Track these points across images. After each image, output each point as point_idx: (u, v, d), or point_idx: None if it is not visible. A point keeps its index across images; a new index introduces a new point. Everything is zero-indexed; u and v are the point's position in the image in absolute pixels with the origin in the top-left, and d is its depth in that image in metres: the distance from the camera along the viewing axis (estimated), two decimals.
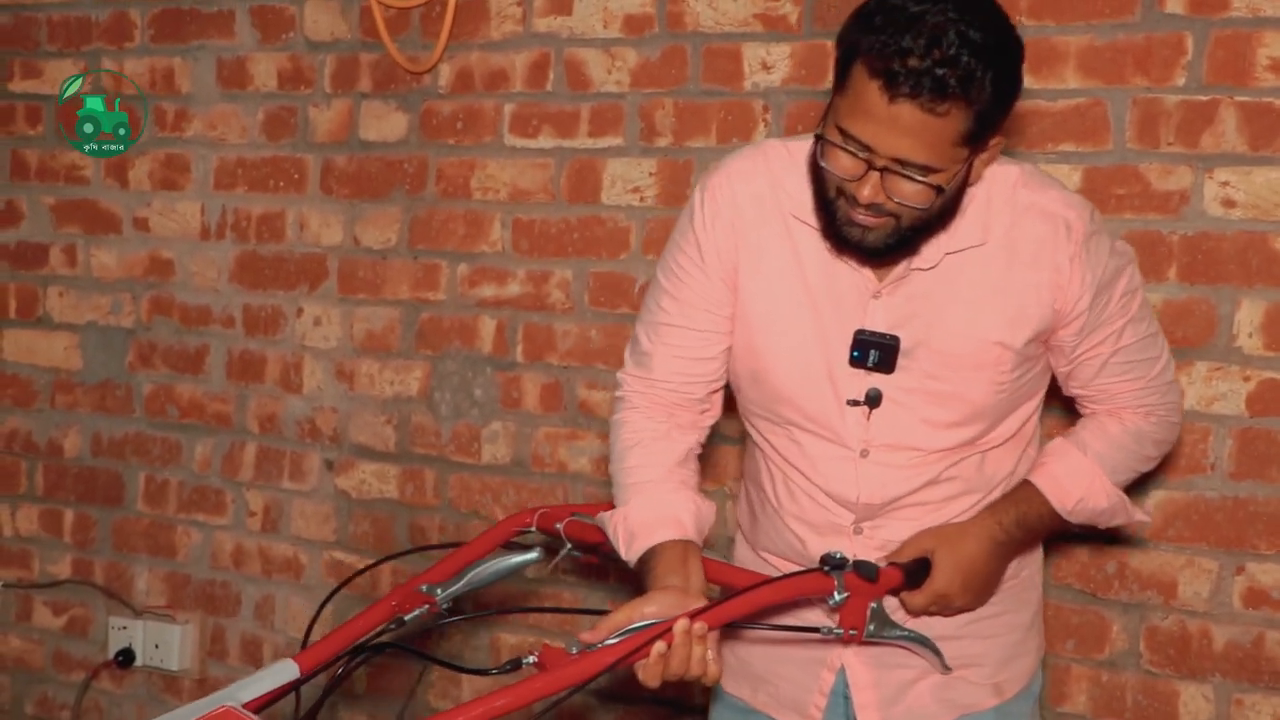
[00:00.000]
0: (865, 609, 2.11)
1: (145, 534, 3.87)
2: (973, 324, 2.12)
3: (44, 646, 4.01)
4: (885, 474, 2.19)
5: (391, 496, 3.55)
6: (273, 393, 3.68)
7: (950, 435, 2.18)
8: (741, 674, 2.39)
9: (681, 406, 2.26)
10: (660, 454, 2.22)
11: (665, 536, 2.13)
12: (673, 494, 2.18)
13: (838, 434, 2.19)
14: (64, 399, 3.95)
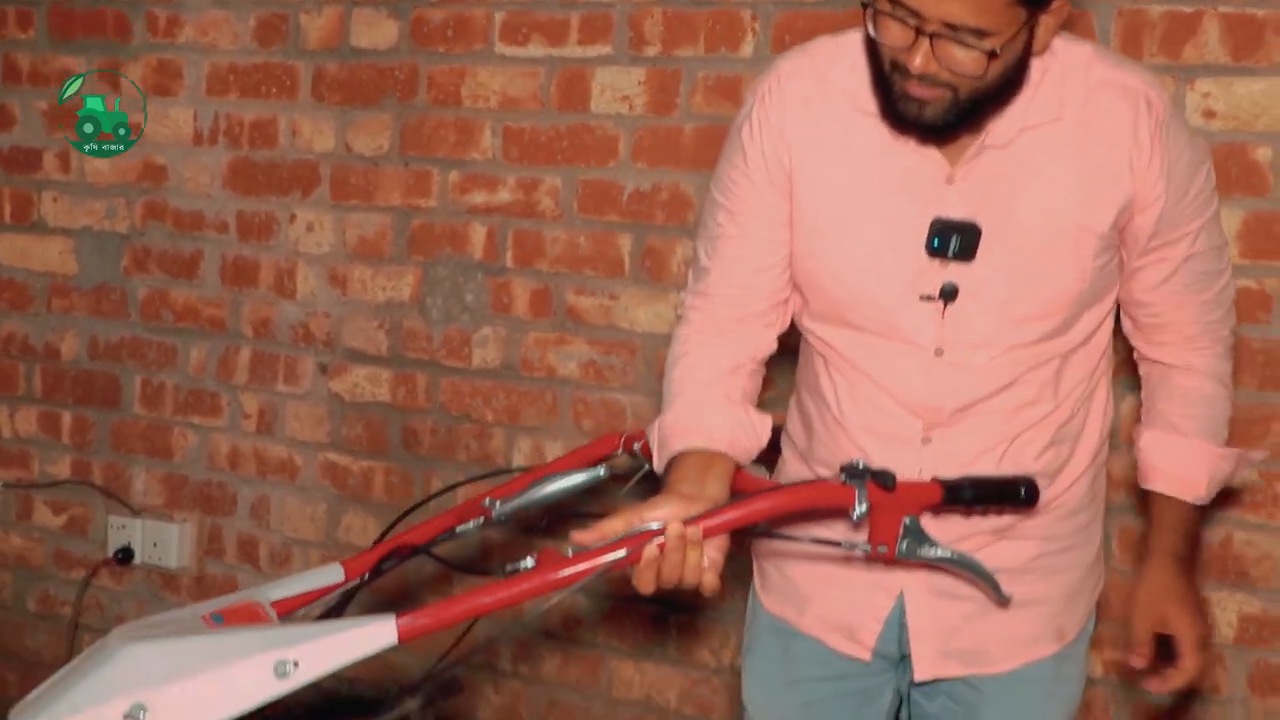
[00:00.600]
0: (897, 524, 1.95)
1: (142, 436, 3.93)
2: (1052, 206, 2.00)
3: (44, 545, 4.09)
4: (960, 376, 2.05)
5: (384, 400, 3.61)
6: (266, 298, 3.73)
7: (1029, 329, 2.04)
8: (787, 594, 2.26)
9: (741, 321, 2.15)
10: (706, 364, 2.12)
11: (689, 445, 2.04)
12: (709, 403, 2.08)
13: (909, 334, 2.05)
14: (60, 303, 3.99)
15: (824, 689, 2.24)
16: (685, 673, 3.35)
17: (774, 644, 2.28)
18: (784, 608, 2.27)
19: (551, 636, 3.48)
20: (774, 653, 2.28)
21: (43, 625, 4.09)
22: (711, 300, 2.16)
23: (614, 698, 3.42)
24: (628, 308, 3.33)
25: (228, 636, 1.83)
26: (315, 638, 1.76)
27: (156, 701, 1.72)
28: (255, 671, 1.73)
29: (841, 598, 2.19)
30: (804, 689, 2.25)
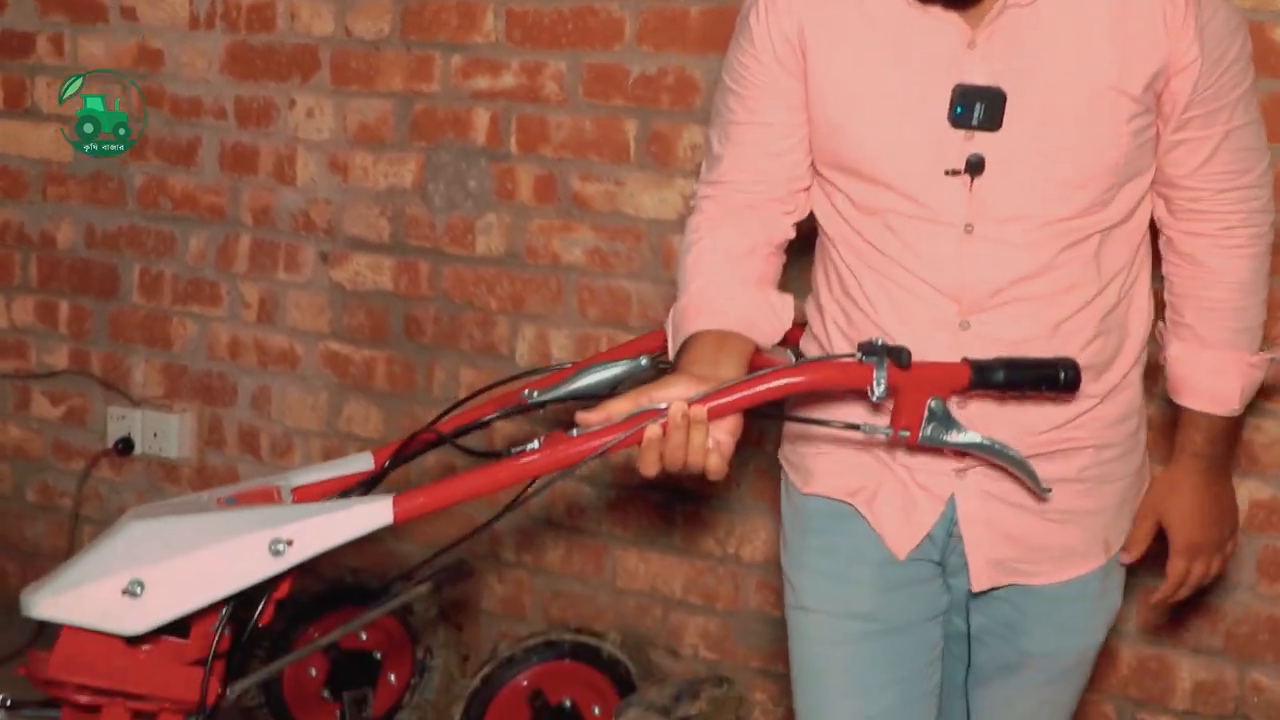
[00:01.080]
0: (921, 406, 1.84)
1: (141, 325, 3.89)
2: (1082, 67, 1.89)
3: (43, 436, 4.07)
4: (994, 253, 1.93)
5: (386, 288, 3.57)
6: (266, 185, 3.68)
7: (1065, 202, 1.93)
8: (841, 476, 2.09)
9: (755, 207, 2.07)
10: (720, 248, 2.04)
11: (702, 326, 1.96)
12: (724, 285, 2.01)
13: (937, 211, 1.94)
14: (55, 191, 3.94)
15: (882, 577, 2.07)
16: (690, 562, 3.35)
17: (831, 529, 2.09)
18: (832, 489, 2.09)
19: (556, 526, 3.47)
20: (833, 539, 2.09)
21: (42, 516, 4.08)
22: (725, 188, 2.09)
23: (618, 587, 3.42)
24: (633, 194, 3.29)
25: (227, 515, 1.83)
26: (310, 517, 1.76)
27: (153, 577, 1.73)
28: (250, 550, 1.73)
29: (889, 497, 2.05)
30: (866, 576, 2.07)
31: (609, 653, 3.27)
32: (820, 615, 2.09)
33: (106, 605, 1.73)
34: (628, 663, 3.25)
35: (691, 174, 3.22)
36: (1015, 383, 1.87)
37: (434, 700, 3.35)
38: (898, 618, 2.06)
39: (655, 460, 1.80)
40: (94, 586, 1.74)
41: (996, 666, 2.14)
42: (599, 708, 3.26)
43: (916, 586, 2.07)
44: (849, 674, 2.07)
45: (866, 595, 2.06)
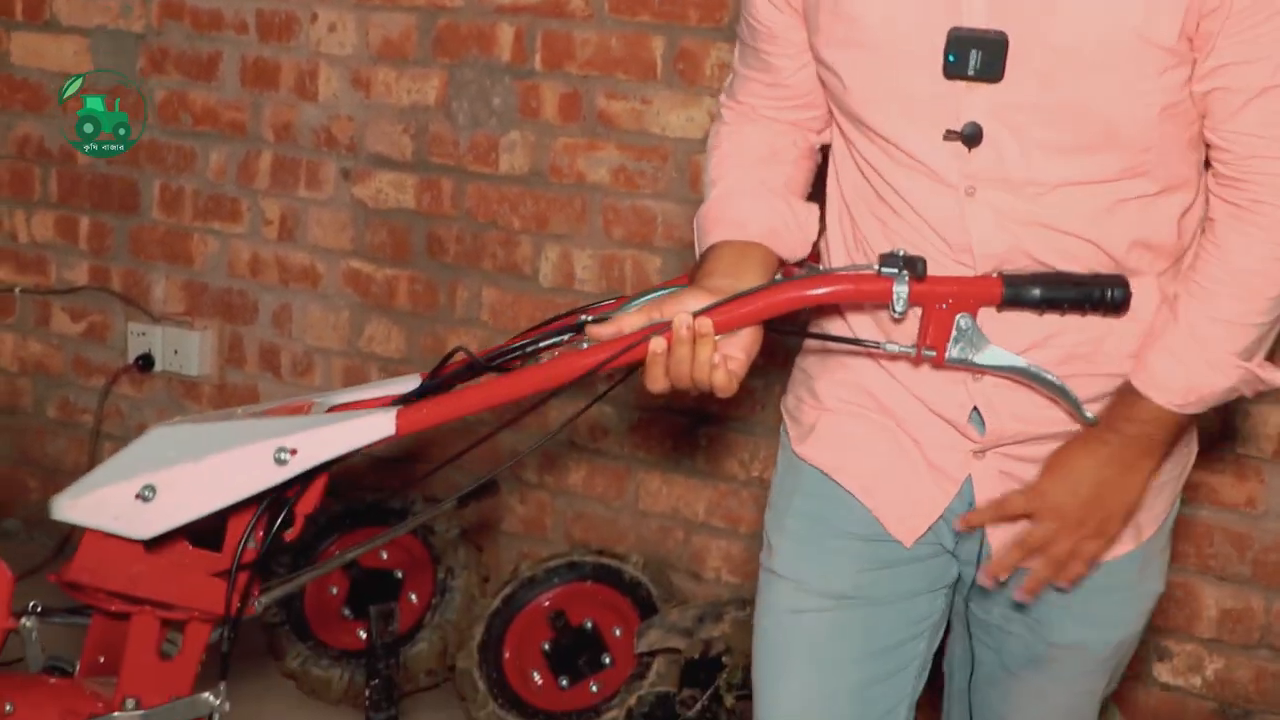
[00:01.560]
0: (950, 323, 1.70)
1: (161, 242, 3.87)
2: (1102, 9, 1.66)
3: (63, 352, 4.05)
4: (998, 218, 1.75)
5: (408, 206, 3.54)
6: (288, 100, 3.64)
7: (1080, 166, 1.72)
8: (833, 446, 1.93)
9: (777, 121, 1.94)
10: (741, 153, 1.91)
11: (721, 236, 1.84)
12: (744, 191, 1.87)
13: (936, 170, 1.76)
14: (76, 104, 3.90)
15: (870, 553, 1.91)
16: (713, 485, 3.33)
17: (821, 495, 1.93)
18: (821, 459, 1.93)
19: (578, 448, 3.45)
20: (822, 508, 1.93)
21: (63, 432, 4.07)
22: (746, 101, 1.97)
23: (640, 510, 3.41)
24: (660, 112, 3.24)
25: (239, 425, 1.85)
26: (315, 427, 1.76)
27: (165, 482, 1.74)
28: (255, 458, 1.73)
29: (901, 482, 1.88)
30: (850, 552, 1.91)
31: (631, 575, 3.26)
32: (791, 584, 1.92)
33: (120, 508, 1.75)
34: (649, 585, 3.24)
35: (720, 92, 3.17)
36: (1053, 300, 1.72)
37: (455, 620, 3.35)
38: (879, 592, 1.90)
39: (661, 375, 1.70)
40: (110, 490, 1.76)
41: (1026, 659, 1.96)
42: (620, 629, 3.26)
43: (913, 564, 1.90)
44: (812, 646, 1.91)
45: (849, 574, 1.90)
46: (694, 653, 3.00)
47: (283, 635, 3.42)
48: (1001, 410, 1.81)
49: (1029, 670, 1.97)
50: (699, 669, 2.99)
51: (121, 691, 1.83)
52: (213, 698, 1.85)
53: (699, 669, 2.99)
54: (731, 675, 2.97)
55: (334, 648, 3.41)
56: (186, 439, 1.82)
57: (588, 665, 3.26)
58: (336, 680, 3.34)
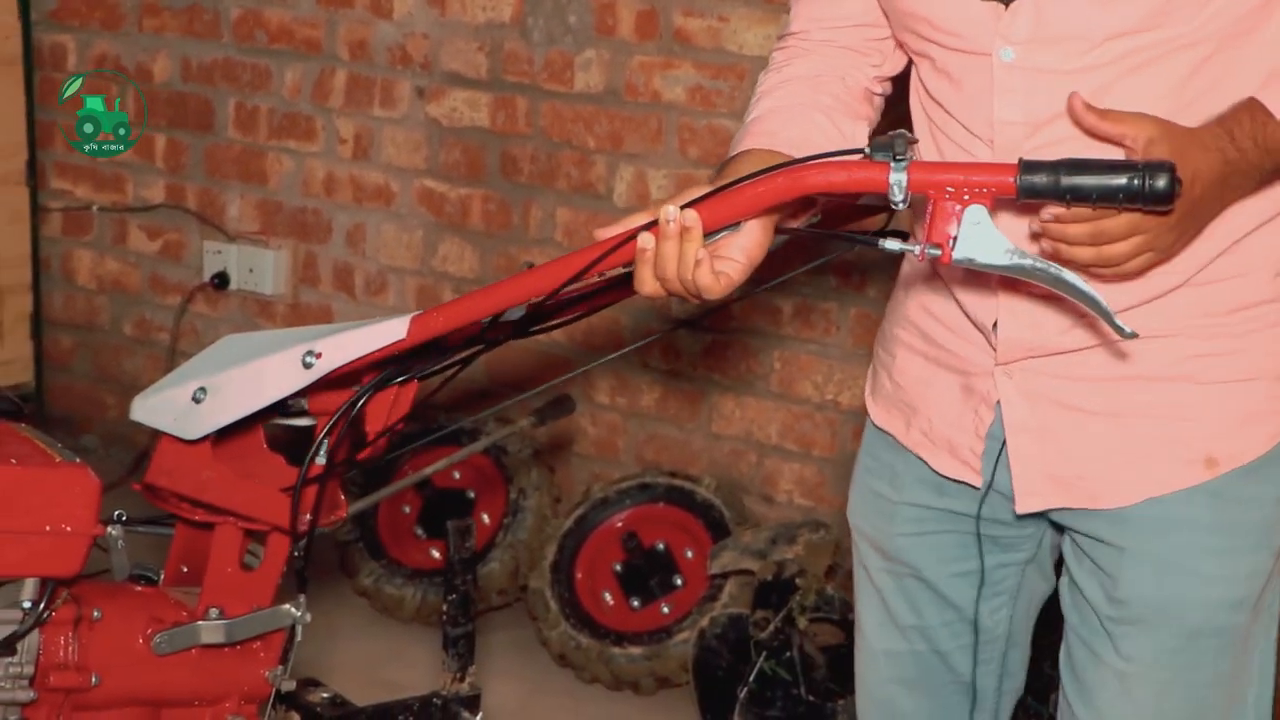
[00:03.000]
0: (956, 216, 1.48)
1: (236, 160, 3.87)
2: None
3: (140, 269, 4.08)
4: (1034, 83, 1.58)
5: (482, 125, 3.52)
6: (363, 18, 3.62)
7: (1119, 11, 1.54)
8: (894, 401, 1.83)
9: (828, 54, 1.81)
10: (790, 79, 1.79)
11: (746, 145, 1.70)
12: (787, 108, 1.73)
13: (969, 36, 1.62)
14: (151, 22, 3.90)
15: (937, 520, 1.80)
16: (786, 407, 3.32)
17: (880, 460, 1.85)
18: (891, 419, 1.84)
19: (651, 369, 3.44)
20: (876, 462, 1.86)
21: (139, 349, 4.11)
22: (796, 38, 1.85)
23: (713, 432, 3.40)
24: (737, 30, 3.20)
25: (281, 334, 1.89)
26: (337, 333, 1.79)
27: (215, 385, 1.79)
28: (287, 362, 1.77)
29: (942, 407, 1.76)
30: (907, 514, 1.82)
31: (703, 497, 3.26)
32: (861, 536, 1.89)
33: (178, 410, 1.80)
34: (721, 507, 3.24)
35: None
36: (1080, 192, 1.45)
37: (526, 540, 3.36)
38: (924, 566, 1.81)
39: (649, 276, 1.57)
40: (173, 391, 1.82)
41: (1099, 633, 1.71)
42: (692, 551, 3.26)
43: (957, 534, 1.79)
44: (881, 606, 1.87)
45: (897, 535, 1.82)
46: (767, 575, 2.99)
47: (356, 553, 3.44)
48: (1021, 317, 1.65)
49: (1105, 650, 1.70)
50: (772, 591, 2.98)
51: (205, 601, 1.85)
52: (294, 609, 1.87)
53: (772, 591, 2.98)
54: (804, 597, 2.96)
55: (407, 566, 3.43)
56: (241, 346, 1.86)
57: (659, 586, 3.27)
58: (409, 598, 3.36)
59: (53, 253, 4.15)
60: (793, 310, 3.26)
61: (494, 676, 3.09)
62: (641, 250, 1.56)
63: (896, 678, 1.89)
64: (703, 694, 2.98)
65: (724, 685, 2.96)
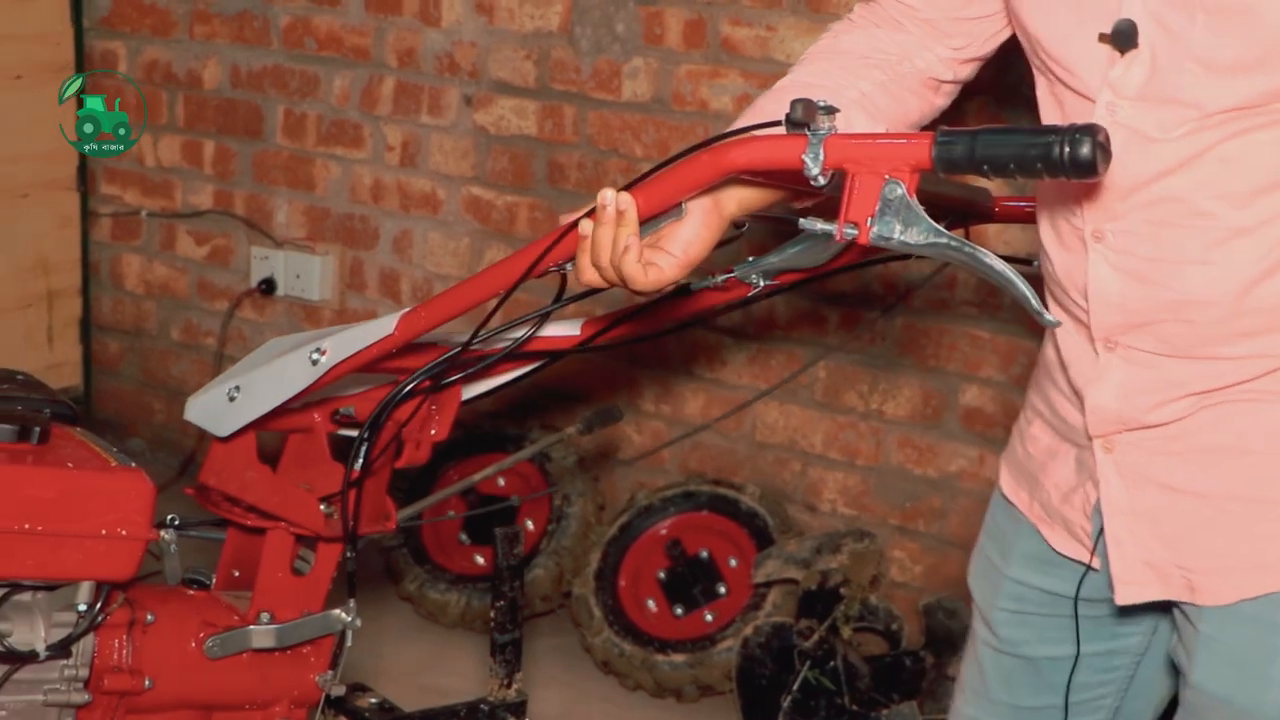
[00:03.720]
0: (874, 192, 1.35)
1: (285, 167, 3.90)
2: None
3: (188, 275, 4.11)
4: (1127, 141, 1.45)
5: (530, 133, 3.53)
6: (411, 26, 3.64)
7: (1236, 87, 1.41)
8: (1023, 471, 1.73)
9: (902, 27, 1.70)
10: (834, 50, 1.69)
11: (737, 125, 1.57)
12: (798, 92, 1.51)
13: (1081, 76, 1.50)
14: (202, 29, 3.93)
15: (1038, 601, 1.72)
16: (832, 417, 3.31)
17: (998, 527, 1.78)
18: (1016, 488, 1.74)
19: (695, 377, 3.45)
20: (995, 529, 1.78)
21: (187, 355, 4.14)
22: (879, 3, 1.72)
23: (758, 441, 3.40)
24: (785, 39, 3.20)
25: (303, 335, 1.93)
26: (338, 333, 1.84)
27: (246, 384, 1.86)
28: (298, 361, 1.81)
29: (1058, 481, 1.66)
30: (1016, 593, 1.73)
31: (747, 505, 3.26)
32: (975, 603, 1.80)
33: (216, 408, 1.86)
34: (765, 515, 3.24)
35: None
36: (997, 162, 1.31)
37: (570, 547, 3.37)
38: (1023, 644, 1.74)
39: (588, 264, 1.51)
40: (215, 391, 1.88)
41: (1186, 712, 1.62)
42: (735, 559, 3.26)
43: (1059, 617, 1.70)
44: (979, 674, 1.79)
45: (998, 609, 1.74)
46: (811, 584, 2.99)
47: (400, 558, 3.46)
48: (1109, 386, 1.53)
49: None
50: (816, 600, 2.98)
51: (256, 605, 1.87)
52: (345, 614, 1.88)
53: (816, 600, 2.98)
54: (849, 607, 2.96)
55: (451, 571, 3.45)
56: (279, 347, 1.92)
57: (703, 594, 3.27)
58: (453, 603, 3.38)
59: (102, 257, 4.19)
60: (838, 319, 3.26)
61: (537, 683, 3.10)
62: (581, 237, 1.51)
63: None
64: (746, 702, 2.98)
65: (767, 694, 2.96)
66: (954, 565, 3.21)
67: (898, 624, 3.04)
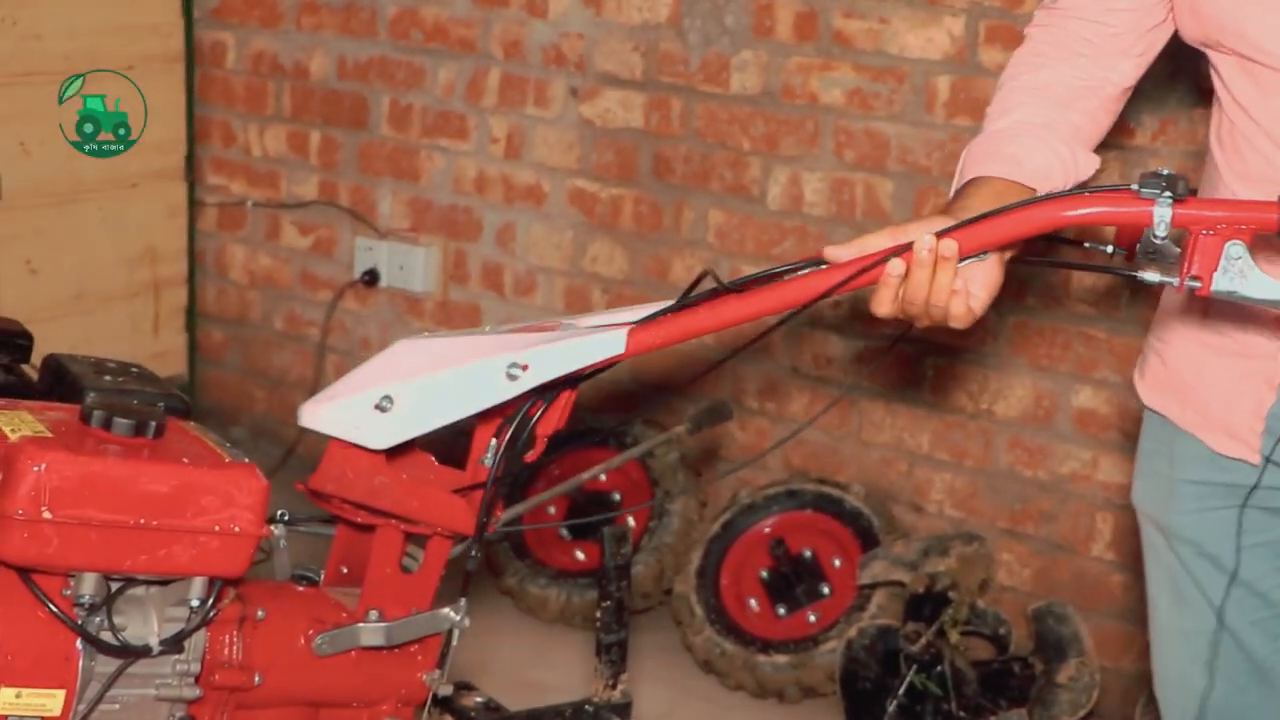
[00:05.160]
0: (1217, 251, 1.54)
1: (389, 157, 3.90)
2: None
3: (291, 265, 4.12)
4: None
5: (636, 126, 3.50)
6: (518, 17, 3.62)
7: None
8: (1166, 385, 1.87)
9: (1093, 44, 1.81)
10: (1039, 89, 1.80)
11: (988, 171, 1.73)
12: (1028, 132, 1.75)
13: None
14: (309, 20, 3.94)
15: (1208, 495, 1.83)
16: (940, 416, 3.26)
17: (1152, 436, 1.90)
18: (1164, 400, 1.87)
19: (801, 375, 3.40)
20: (1152, 444, 1.91)
21: (289, 345, 4.15)
22: (1064, 15, 1.83)
23: (863, 439, 3.35)
24: (898, 32, 3.15)
25: (476, 340, 1.85)
26: (548, 344, 1.76)
27: (402, 393, 1.75)
28: (488, 373, 1.74)
29: (1220, 389, 1.79)
30: (1185, 491, 1.85)
31: (852, 505, 3.22)
32: (1145, 519, 1.92)
33: (359, 418, 1.76)
34: (871, 516, 3.19)
35: (962, 12, 3.07)
36: None
37: (672, 544, 3.34)
38: (1207, 541, 1.83)
39: (890, 299, 1.62)
40: (351, 399, 1.77)
41: None
42: (839, 560, 3.22)
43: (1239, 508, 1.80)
44: (1170, 585, 1.89)
45: (1176, 512, 1.86)
46: (919, 587, 2.95)
47: (501, 553, 3.45)
48: None
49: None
50: (923, 604, 2.93)
51: (365, 603, 1.84)
52: (453, 613, 1.86)
53: (923, 604, 2.93)
54: (957, 611, 2.91)
55: (551, 566, 3.43)
56: (426, 352, 1.83)
57: (805, 594, 3.23)
58: (553, 599, 3.36)
59: (208, 247, 4.21)
60: None
61: (638, 681, 3.07)
62: (890, 276, 1.60)
63: (1192, 656, 1.89)
64: (850, 705, 2.94)
65: (871, 697, 2.92)
66: (1063, 569, 3.15)
67: (1006, 629, 2.98)
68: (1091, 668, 2.85)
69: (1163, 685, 1.95)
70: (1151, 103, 2.90)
